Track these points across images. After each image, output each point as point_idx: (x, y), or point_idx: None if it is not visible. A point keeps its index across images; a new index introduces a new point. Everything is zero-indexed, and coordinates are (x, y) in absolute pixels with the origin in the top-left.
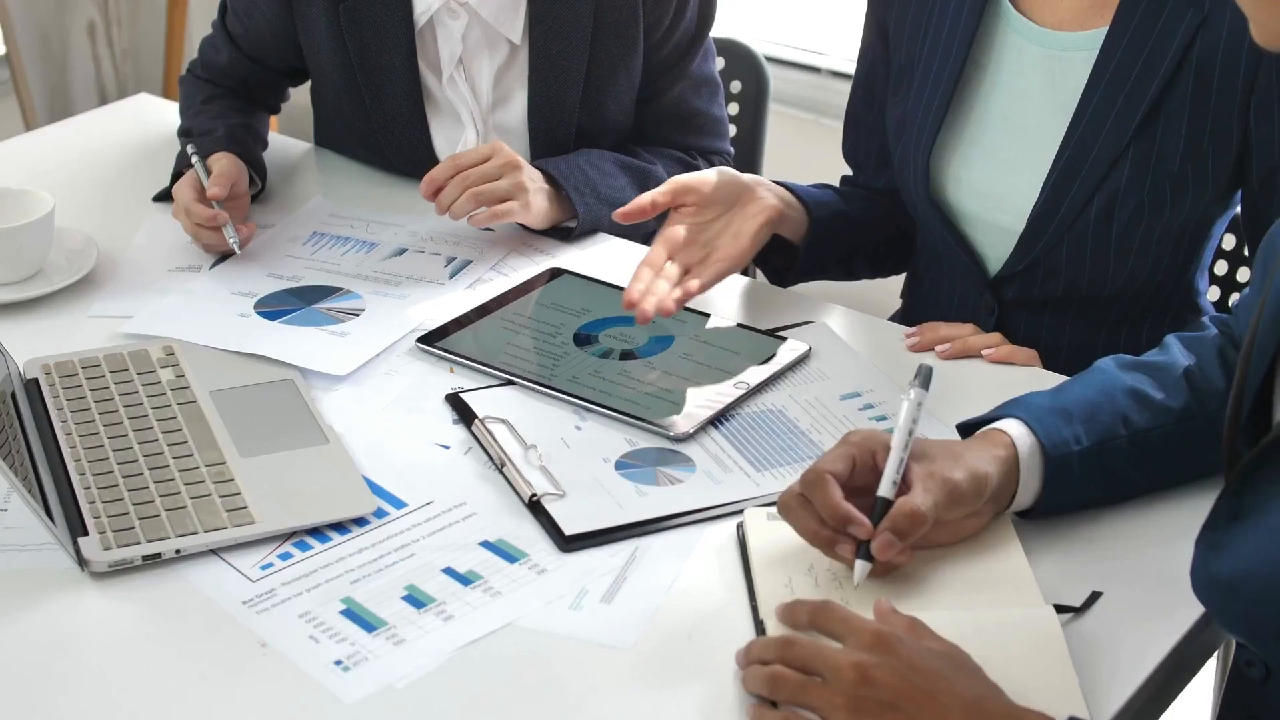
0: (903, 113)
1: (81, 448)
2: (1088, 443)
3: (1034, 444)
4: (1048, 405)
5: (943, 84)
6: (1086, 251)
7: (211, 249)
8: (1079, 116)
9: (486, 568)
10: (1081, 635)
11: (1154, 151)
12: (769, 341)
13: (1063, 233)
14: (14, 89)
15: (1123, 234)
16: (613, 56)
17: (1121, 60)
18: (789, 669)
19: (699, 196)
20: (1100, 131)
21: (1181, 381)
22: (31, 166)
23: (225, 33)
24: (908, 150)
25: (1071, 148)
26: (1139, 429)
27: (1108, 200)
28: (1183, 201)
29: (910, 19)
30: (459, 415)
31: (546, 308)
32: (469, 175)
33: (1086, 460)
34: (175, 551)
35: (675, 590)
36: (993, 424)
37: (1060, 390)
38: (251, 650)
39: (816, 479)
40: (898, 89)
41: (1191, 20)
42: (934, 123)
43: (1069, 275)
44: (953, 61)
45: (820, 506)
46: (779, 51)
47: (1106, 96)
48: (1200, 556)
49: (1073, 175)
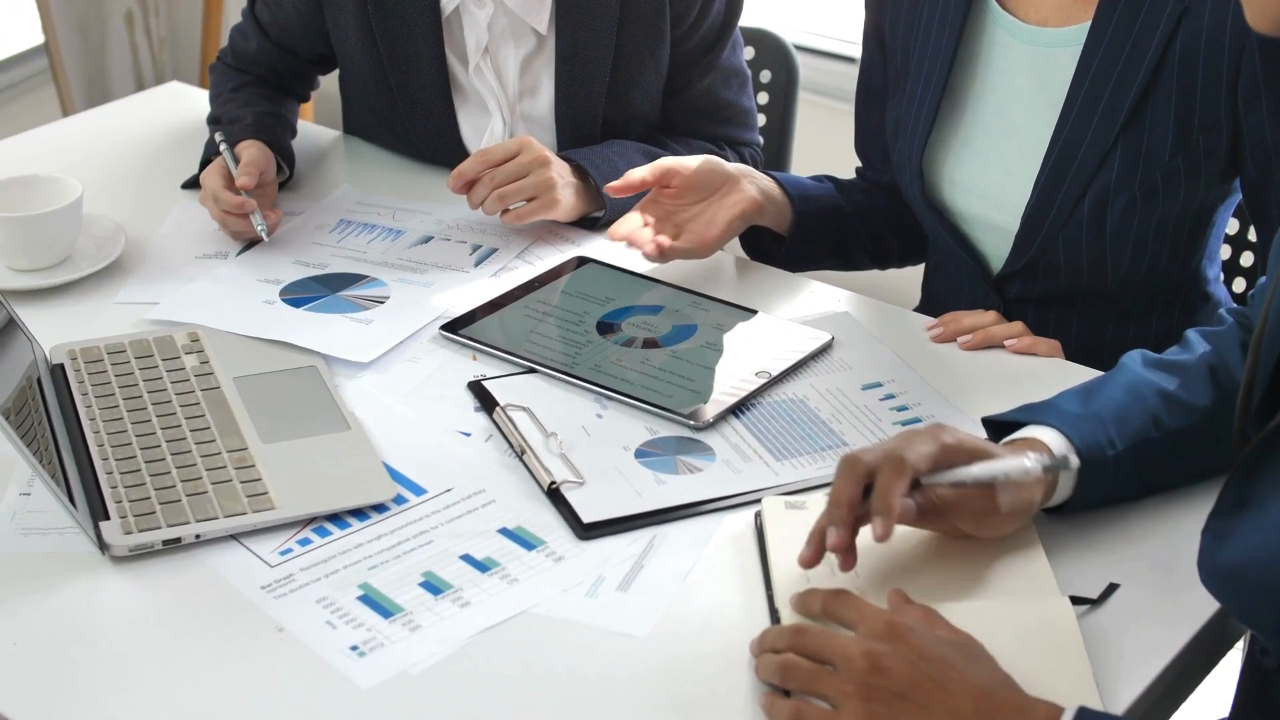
0: (898, 114)
1: (105, 433)
2: (1121, 447)
3: (1071, 452)
4: (1080, 411)
5: (933, 85)
6: (1083, 248)
7: (239, 236)
8: (1066, 113)
9: (504, 555)
10: (1098, 627)
11: (1143, 145)
12: (791, 330)
13: (1057, 230)
14: (52, 77)
15: (1117, 229)
16: (639, 47)
17: (1105, 54)
18: (801, 657)
19: (681, 179)
20: (1088, 127)
21: (1207, 379)
22: (62, 154)
23: (254, 21)
24: (903, 153)
25: (1060, 145)
26: (1170, 430)
27: (1099, 196)
28: (1175, 194)
29: (904, 21)
30: (480, 403)
31: (571, 296)
32: (496, 175)
33: (1120, 463)
34: (195, 536)
35: (691, 579)
36: (1026, 431)
37: (1089, 394)
38: (268, 635)
39: (900, 465)
40: (896, 91)
41: (1173, 10)
42: (926, 124)
43: (1068, 271)
44: (941, 62)
45: (880, 487)
46: (809, 40)
47: (1092, 92)
48: (1206, 546)
49: (1063, 173)
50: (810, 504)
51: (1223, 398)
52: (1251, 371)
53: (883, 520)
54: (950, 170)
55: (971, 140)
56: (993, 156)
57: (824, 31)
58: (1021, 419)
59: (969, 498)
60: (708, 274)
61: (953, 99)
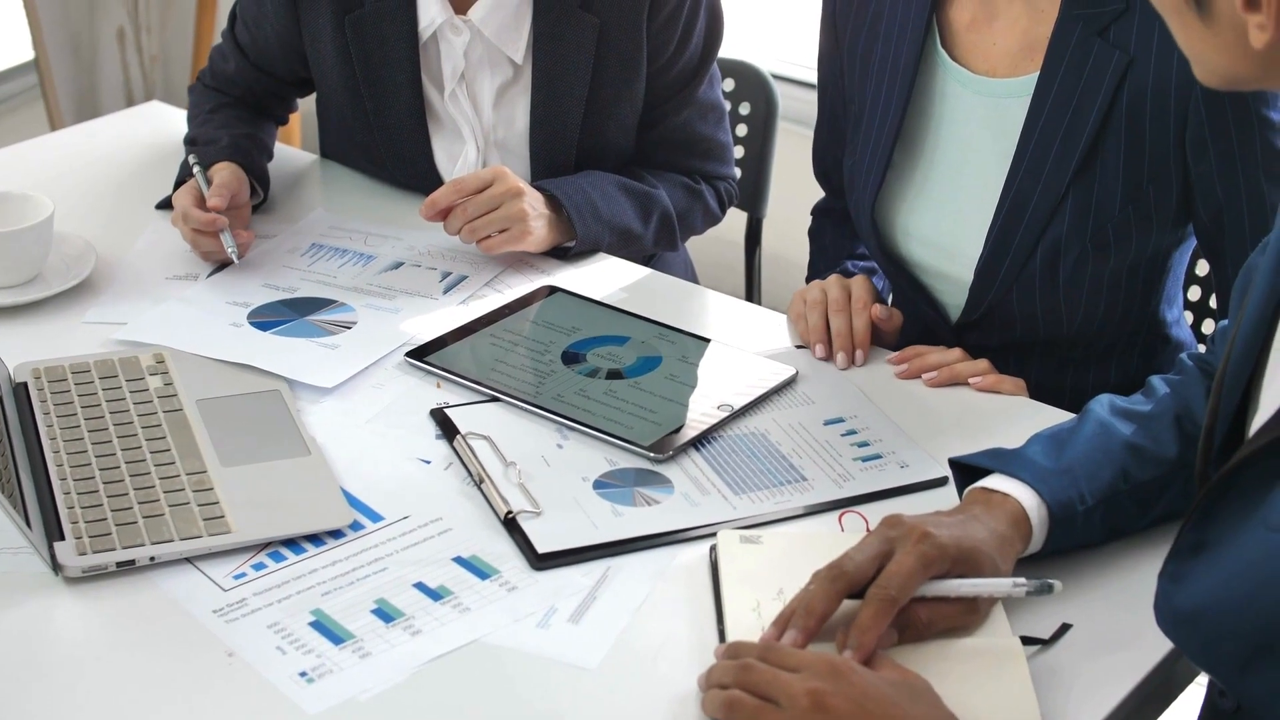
0: (853, 163)
1: (65, 453)
2: (1092, 502)
3: (1043, 512)
4: (1052, 466)
5: (885, 134)
6: (1037, 298)
7: (209, 257)
8: (1017, 164)
9: (458, 583)
10: (1050, 667)
11: (1093, 196)
12: (757, 364)
13: (1011, 281)
14: (41, 95)
15: (1070, 279)
16: (615, 80)
17: (1054, 106)
18: (747, 694)
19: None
20: (1038, 179)
21: (1174, 429)
22: (38, 171)
23: (234, 42)
24: (858, 202)
25: (1012, 197)
26: (1139, 482)
27: (1051, 247)
28: (1127, 245)
29: (858, 71)
30: (442, 430)
31: (539, 325)
32: (469, 206)
33: (1090, 516)
34: (150, 559)
35: (644, 611)
36: (995, 481)
37: (1060, 446)
38: (218, 660)
39: (888, 605)
40: (853, 139)
41: (1119, 62)
42: (878, 175)
43: (1024, 321)
44: (894, 112)
45: (861, 622)
46: (789, 69)
47: (1042, 143)
48: (1162, 589)
49: (1015, 225)
50: (765, 539)
51: (1189, 447)
52: (1213, 415)
53: (855, 653)
54: (904, 220)
55: (925, 190)
56: (946, 208)
57: (803, 61)
58: (991, 467)
59: (946, 613)
60: (677, 306)
61: (905, 148)
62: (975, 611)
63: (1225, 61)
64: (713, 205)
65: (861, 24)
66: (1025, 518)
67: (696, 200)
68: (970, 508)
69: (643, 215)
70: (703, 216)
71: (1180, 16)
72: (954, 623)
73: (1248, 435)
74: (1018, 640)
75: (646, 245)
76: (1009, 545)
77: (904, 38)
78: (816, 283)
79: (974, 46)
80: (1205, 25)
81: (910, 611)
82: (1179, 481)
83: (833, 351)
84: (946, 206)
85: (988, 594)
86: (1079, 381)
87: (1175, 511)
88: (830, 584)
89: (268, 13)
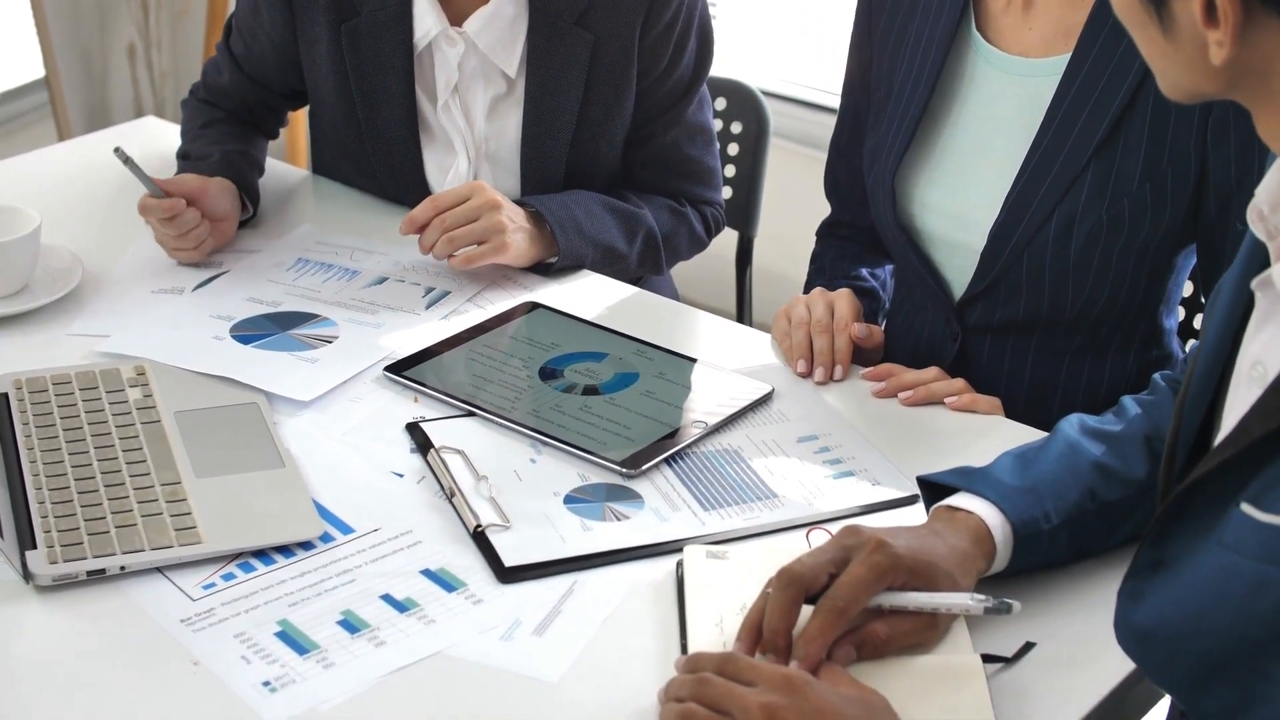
0: (874, 141)
1: (41, 463)
2: (1057, 521)
3: (1006, 529)
4: (1017, 485)
5: (911, 110)
6: (1046, 269)
7: (179, 254)
8: (1040, 137)
9: (424, 596)
10: (1013, 685)
11: (1112, 172)
12: (733, 381)
13: (1023, 248)
14: (52, 111)
15: (1080, 253)
16: (607, 96)
17: (1084, 83)
18: (701, 707)
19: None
20: (1061, 150)
21: (1142, 450)
22: (28, 184)
23: (229, 53)
24: (877, 176)
25: (1033, 166)
26: (1106, 502)
27: (1066, 219)
28: (1141, 223)
29: (889, 56)
30: (417, 444)
31: (518, 340)
32: (446, 218)
33: (1056, 535)
34: (120, 568)
35: (608, 625)
36: (961, 499)
37: (1026, 464)
38: (183, 668)
39: (837, 617)
40: (875, 124)
41: None
42: (900, 147)
43: (1029, 296)
44: (922, 89)
45: (809, 632)
46: (780, 87)
47: (1068, 118)
48: (1121, 607)
49: (1033, 192)
50: (732, 554)
51: (1157, 467)
52: (1174, 433)
53: (802, 663)
54: (922, 193)
55: (945, 163)
56: (966, 179)
57: (795, 79)
58: (957, 484)
59: (905, 630)
60: (656, 322)
61: (930, 124)
62: (934, 628)
63: (1187, 76)
64: (698, 229)
65: (898, 8)
66: (988, 535)
67: (681, 222)
68: (934, 524)
69: (627, 234)
70: (688, 240)
71: (1144, 30)
72: (913, 639)
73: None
74: (978, 657)
75: (631, 265)
76: (970, 562)
77: (939, 19)
78: (800, 298)
79: (1008, 30)
80: (1168, 40)
81: (868, 628)
82: (1148, 502)
83: (813, 368)
84: (965, 177)
85: (945, 608)
86: (1074, 377)
87: (1144, 532)
88: (783, 593)
89: (264, 23)
